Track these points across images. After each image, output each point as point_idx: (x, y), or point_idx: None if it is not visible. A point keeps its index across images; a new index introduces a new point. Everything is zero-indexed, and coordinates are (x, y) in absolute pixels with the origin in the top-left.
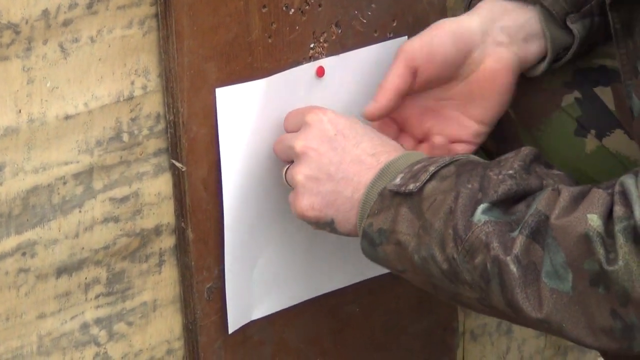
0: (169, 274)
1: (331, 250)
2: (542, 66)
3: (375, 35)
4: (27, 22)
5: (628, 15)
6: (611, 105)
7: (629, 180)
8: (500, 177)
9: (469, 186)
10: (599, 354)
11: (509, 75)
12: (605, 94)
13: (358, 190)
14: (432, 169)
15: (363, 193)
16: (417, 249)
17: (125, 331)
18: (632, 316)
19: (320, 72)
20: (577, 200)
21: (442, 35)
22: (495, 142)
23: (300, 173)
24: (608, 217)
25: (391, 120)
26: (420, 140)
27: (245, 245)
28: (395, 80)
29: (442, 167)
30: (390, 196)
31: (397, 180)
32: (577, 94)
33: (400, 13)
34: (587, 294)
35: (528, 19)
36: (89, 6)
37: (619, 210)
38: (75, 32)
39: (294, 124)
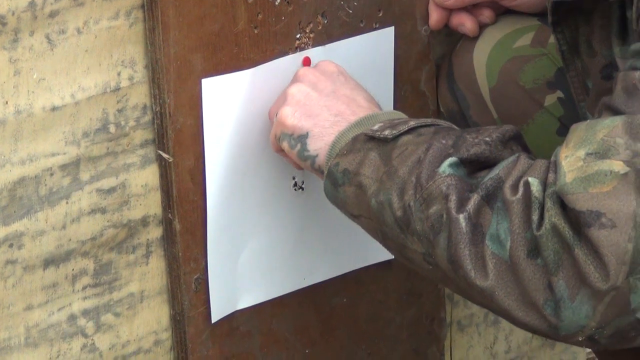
0: (156, 265)
1: (317, 242)
2: None
3: (362, 25)
4: (13, 14)
5: (572, 35)
6: None
7: (557, 148)
8: (476, 140)
9: (443, 141)
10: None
11: None
12: None
13: (340, 123)
14: (412, 123)
15: (340, 130)
16: (376, 193)
17: (112, 322)
18: (562, 285)
19: (307, 62)
20: (528, 167)
21: None
22: None
23: (294, 87)
24: (545, 181)
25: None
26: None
27: (229, 236)
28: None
29: (423, 126)
30: (364, 140)
31: (375, 127)
32: (559, 93)
33: (387, 3)
34: (523, 264)
35: None
36: None
37: (550, 177)
38: (62, 23)
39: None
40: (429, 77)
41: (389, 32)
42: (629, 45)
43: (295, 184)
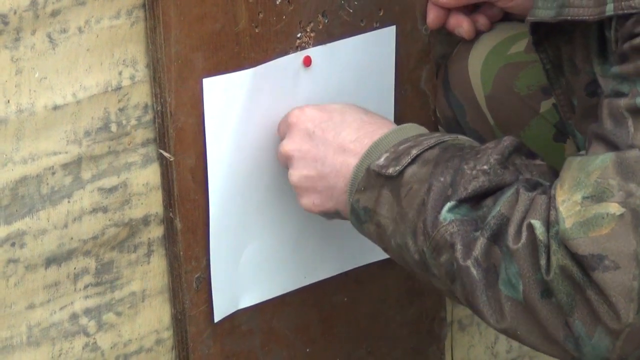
0: (158, 264)
1: (318, 240)
2: None
3: (362, 24)
4: (15, 13)
5: (555, 54)
6: None
7: (555, 182)
8: (473, 172)
9: (442, 179)
10: None
11: None
12: None
13: (348, 179)
14: (414, 152)
15: (352, 173)
16: (394, 234)
17: (114, 321)
18: (579, 325)
19: (307, 61)
20: (530, 205)
21: None
22: None
23: (292, 176)
24: (548, 221)
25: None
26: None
27: (231, 235)
28: None
29: (426, 150)
30: (375, 175)
31: (381, 160)
32: (555, 99)
33: (387, 2)
34: (539, 305)
35: None
36: None
37: (551, 214)
38: (64, 22)
39: (283, 130)
40: (429, 76)
41: (390, 31)
42: (610, 65)
43: None
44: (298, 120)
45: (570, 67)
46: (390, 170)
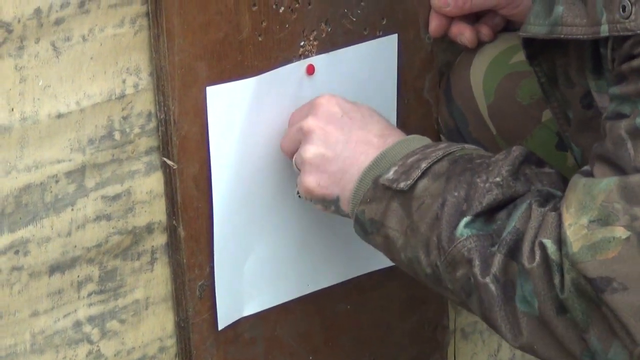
0: (161, 271)
1: (321, 248)
2: None
3: (365, 33)
4: (19, 21)
5: (550, 67)
6: None
7: (561, 202)
8: (487, 185)
9: (456, 194)
10: None
11: None
12: None
13: (360, 171)
14: (424, 165)
15: (359, 176)
16: (404, 247)
17: (117, 329)
18: (594, 340)
19: (311, 70)
20: (542, 222)
21: None
22: None
23: (308, 151)
24: (559, 239)
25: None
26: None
27: (235, 242)
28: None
29: (435, 163)
30: (383, 188)
31: (391, 174)
32: (550, 112)
33: (390, 11)
34: (555, 321)
35: None
36: (81, 5)
37: (562, 233)
38: (67, 30)
39: (302, 113)
40: (432, 84)
41: (392, 39)
42: (605, 81)
43: (299, 191)
44: (328, 102)
45: (565, 80)
46: (402, 185)
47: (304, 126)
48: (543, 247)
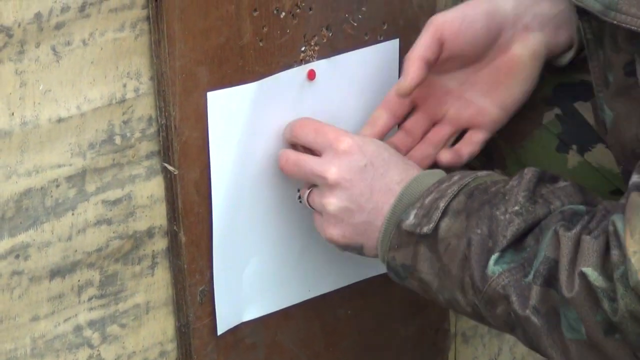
0: (162, 276)
1: (322, 253)
2: (569, 55)
3: (366, 38)
4: (19, 25)
5: (598, 26)
6: (591, 120)
7: (618, 223)
8: (507, 216)
9: (479, 231)
10: None
11: (536, 62)
12: (585, 108)
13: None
14: (442, 204)
15: (383, 226)
16: (440, 289)
17: (118, 333)
18: None
19: (312, 75)
20: (575, 248)
21: (475, 14)
22: (480, 162)
23: (332, 204)
24: (603, 264)
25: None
26: (434, 123)
27: (234, 248)
28: (422, 51)
29: (452, 200)
30: (407, 234)
31: (412, 219)
32: (557, 110)
33: (391, 16)
34: (603, 342)
35: (563, 9)
36: (81, 9)
37: (615, 255)
38: (68, 35)
39: (314, 142)
40: None
41: (393, 44)
42: None
43: (300, 196)
44: (350, 148)
45: (612, 44)
46: (425, 229)
47: (328, 178)
48: (583, 276)
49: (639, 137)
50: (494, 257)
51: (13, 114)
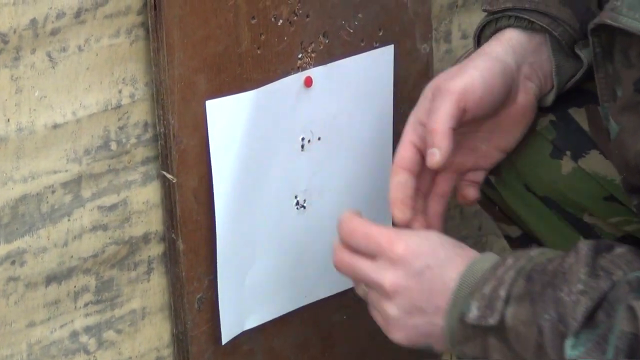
0: (158, 281)
1: (318, 259)
2: (551, 97)
3: (362, 44)
4: (15, 32)
5: (608, 40)
6: (585, 126)
7: None
8: (573, 297)
9: (547, 317)
10: None
11: (535, 108)
12: (579, 115)
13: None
14: (502, 293)
15: (445, 323)
16: None
17: (114, 339)
18: None
19: (308, 82)
20: None
21: (493, 77)
22: None
23: (391, 309)
24: None
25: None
26: (436, 172)
27: (237, 256)
28: (450, 123)
29: (512, 286)
30: (473, 327)
31: (474, 312)
32: (551, 116)
33: (387, 23)
34: None
35: (548, 55)
36: (77, 15)
37: None
38: (63, 41)
39: (366, 249)
40: None
41: (388, 50)
42: None
43: (297, 203)
44: (405, 255)
45: (623, 59)
46: (491, 321)
47: (385, 286)
48: None
49: None
50: (569, 342)
51: (9, 120)
